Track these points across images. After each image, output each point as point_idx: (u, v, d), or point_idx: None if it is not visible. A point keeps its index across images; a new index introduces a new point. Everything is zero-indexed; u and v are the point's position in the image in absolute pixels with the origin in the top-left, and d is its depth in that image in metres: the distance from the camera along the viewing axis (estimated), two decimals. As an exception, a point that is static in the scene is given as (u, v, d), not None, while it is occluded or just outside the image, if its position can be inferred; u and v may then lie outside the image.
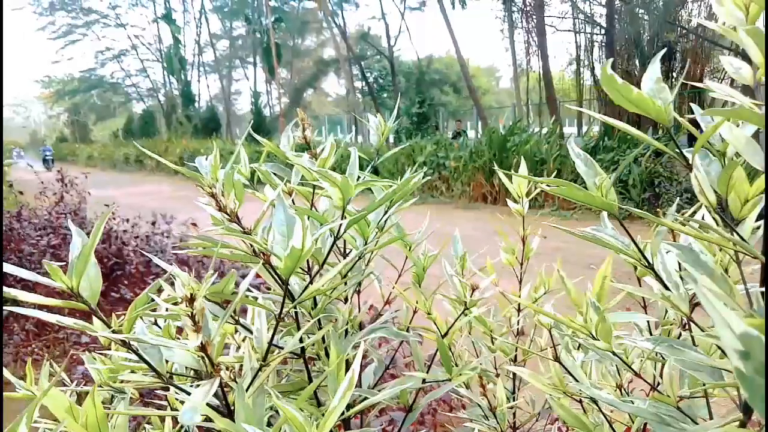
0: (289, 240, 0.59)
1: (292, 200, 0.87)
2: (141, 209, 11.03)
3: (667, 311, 0.90)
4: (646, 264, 0.61)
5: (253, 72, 36.65)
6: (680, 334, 0.86)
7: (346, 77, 30.12)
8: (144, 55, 40.23)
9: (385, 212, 0.84)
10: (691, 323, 0.63)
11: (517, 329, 1.21)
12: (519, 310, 1.20)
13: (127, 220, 5.37)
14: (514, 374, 1.18)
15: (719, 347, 0.57)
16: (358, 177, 0.78)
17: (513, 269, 1.27)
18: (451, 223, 9.02)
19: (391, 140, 21.59)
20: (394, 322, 0.96)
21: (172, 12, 35.71)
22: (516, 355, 1.17)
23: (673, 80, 22.50)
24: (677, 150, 0.56)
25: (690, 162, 0.55)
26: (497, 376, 1.08)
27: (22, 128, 69.56)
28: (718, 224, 0.65)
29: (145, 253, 4.64)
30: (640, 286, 0.95)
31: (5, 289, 0.50)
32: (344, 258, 0.91)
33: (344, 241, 0.90)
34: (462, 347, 1.00)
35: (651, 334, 0.93)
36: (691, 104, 0.61)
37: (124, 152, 27.63)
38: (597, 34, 23.65)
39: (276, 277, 0.66)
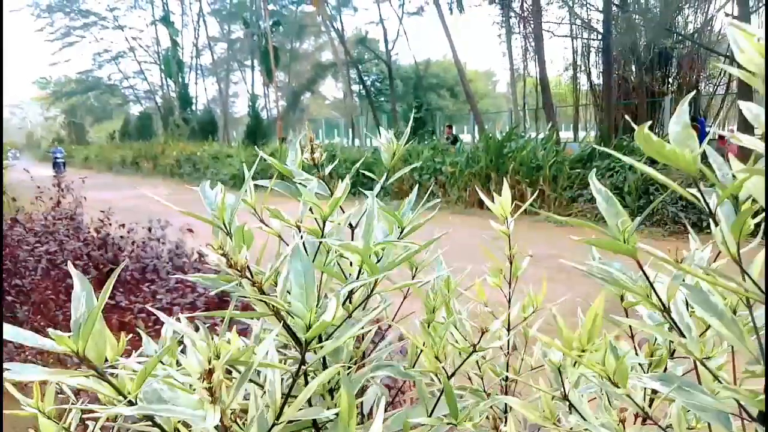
0: (308, 295, 0.59)
1: (301, 236, 0.85)
2: (138, 212, 10.96)
3: (656, 340, 0.89)
4: (662, 308, 0.60)
5: (250, 75, 36.66)
6: (666, 368, 0.85)
7: (343, 81, 30.14)
8: (141, 58, 40.19)
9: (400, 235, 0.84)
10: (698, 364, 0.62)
11: (508, 350, 1.21)
12: (509, 329, 1.20)
13: (123, 225, 5.33)
14: (506, 391, 1.18)
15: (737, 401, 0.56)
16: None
17: (506, 280, 1.27)
18: (447, 230, 9.00)
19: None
20: (401, 355, 0.95)
21: (171, 15, 35.71)
22: (507, 375, 1.16)
23: (670, 86, 22.65)
24: (702, 199, 0.55)
25: (713, 212, 0.55)
26: (488, 396, 1.08)
27: (18, 129, 69.30)
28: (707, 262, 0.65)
29: (141, 259, 4.59)
30: (626, 315, 0.95)
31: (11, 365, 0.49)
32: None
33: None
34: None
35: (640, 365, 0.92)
36: (708, 152, 0.61)
37: (121, 154, 27.58)
38: (594, 40, 23.74)
39: (291, 332, 0.65)
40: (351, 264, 0.85)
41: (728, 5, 18.69)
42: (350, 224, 0.88)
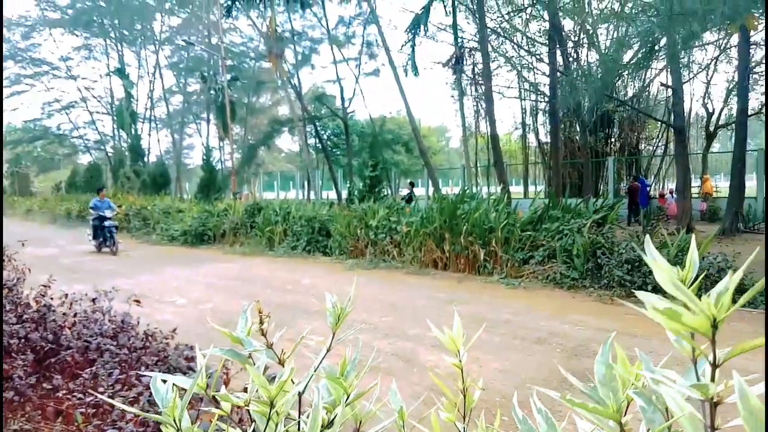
0: None
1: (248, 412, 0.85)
2: (81, 271, 10.43)
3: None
4: None
5: (206, 127, 36.58)
6: None
7: (300, 135, 30.44)
8: (94, 108, 39.59)
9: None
10: None
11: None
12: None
13: (66, 296, 5.10)
14: None
15: None
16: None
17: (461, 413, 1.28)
18: (402, 291, 9.00)
19: (344, 198, 21.82)
20: None
21: (126, 66, 35.57)
22: None
23: (612, 146, 23.87)
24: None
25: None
26: None
27: (-44, 177, 66.15)
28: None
29: (83, 336, 4.37)
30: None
31: None
32: None
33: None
34: None
35: None
36: (642, 358, 0.65)
37: (66, 207, 26.63)
38: (541, 102, 25.03)
39: None
40: None
41: (663, 74, 20.11)
42: (299, 393, 0.89)
